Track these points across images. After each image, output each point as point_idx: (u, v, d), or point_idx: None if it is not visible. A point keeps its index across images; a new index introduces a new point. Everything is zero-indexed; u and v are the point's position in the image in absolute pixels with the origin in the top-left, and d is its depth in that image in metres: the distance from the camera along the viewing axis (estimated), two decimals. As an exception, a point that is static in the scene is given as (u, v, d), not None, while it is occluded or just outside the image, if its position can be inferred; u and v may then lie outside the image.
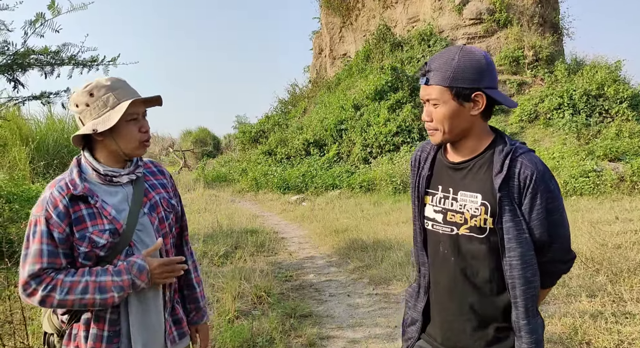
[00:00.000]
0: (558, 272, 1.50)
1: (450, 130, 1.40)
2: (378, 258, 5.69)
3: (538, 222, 1.37)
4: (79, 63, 5.11)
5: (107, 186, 1.54)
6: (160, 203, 1.63)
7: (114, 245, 1.49)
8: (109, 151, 1.54)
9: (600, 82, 13.77)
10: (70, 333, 1.53)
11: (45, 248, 1.43)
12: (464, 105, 1.37)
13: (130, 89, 1.55)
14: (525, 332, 1.38)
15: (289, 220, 9.79)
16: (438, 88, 1.37)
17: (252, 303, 4.37)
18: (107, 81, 1.51)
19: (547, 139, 13.15)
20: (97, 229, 1.46)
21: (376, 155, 14.49)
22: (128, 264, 1.47)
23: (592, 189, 9.26)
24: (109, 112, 1.47)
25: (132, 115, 1.51)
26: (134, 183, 1.59)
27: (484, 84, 1.36)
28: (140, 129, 1.54)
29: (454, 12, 17.19)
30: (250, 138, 21.68)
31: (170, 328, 1.66)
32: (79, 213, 1.46)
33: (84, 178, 1.51)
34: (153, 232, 1.57)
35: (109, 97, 1.48)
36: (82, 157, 1.56)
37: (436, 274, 1.53)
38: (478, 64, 1.36)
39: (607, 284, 4.00)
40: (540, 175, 1.35)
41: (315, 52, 26.32)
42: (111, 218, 1.48)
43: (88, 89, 1.50)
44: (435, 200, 1.50)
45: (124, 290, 1.46)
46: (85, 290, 1.42)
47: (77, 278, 1.43)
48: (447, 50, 1.40)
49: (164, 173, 1.76)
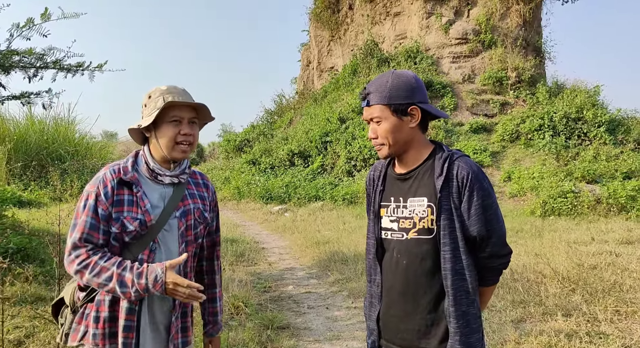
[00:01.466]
0: (497, 267, 1.61)
1: (395, 142, 1.58)
2: (358, 272, 5.68)
3: (476, 218, 1.52)
4: (63, 67, 5.04)
5: (151, 181, 1.67)
6: (192, 212, 1.72)
7: (139, 235, 1.60)
8: (156, 149, 1.68)
9: (579, 105, 14.16)
10: (83, 312, 1.63)
11: (90, 221, 1.57)
12: (403, 119, 1.56)
13: (185, 95, 1.67)
14: (453, 318, 1.52)
15: (270, 231, 9.72)
16: (379, 107, 1.57)
17: (229, 314, 4.30)
18: (165, 87, 1.67)
19: (528, 159, 13.41)
20: (130, 215, 1.59)
21: (360, 168, 14.56)
22: (148, 270, 1.55)
23: (569, 210, 9.44)
24: (156, 111, 1.61)
25: (174, 117, 1.64)
26: (175, 186, 1.71)
27: (417, 99, 1.56)
28: (180, 131, 1.65)
29: (440, 31, 17.54)
30: (235, 147, 21.60)
31: (177, 333, 1.71)
32: (120, 197, 1.60)
33: (135, 169, 1.67)
34: (177, 236, 1.67)
35: (159, 99, 1.63)
36: (141, 151, 1.72)
37: (390, 279, 1.64)
38: (408, 82, 1.56)
39: (582, 304, 4.05)
40: (475, 175, 1.52)
41: (303, 64, 26.50)
42: (145, 210, 1.60)
43: (149, 92, 1.68)
44: (390, 210, 1.64)
45: (138, 292, 1.53)
46: (109, 279, 1.52)
47: (107, 265, 1.54)
48: (380, 75, 1.62)
49: (208, 187, 1.87)
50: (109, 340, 1.59)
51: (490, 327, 3.74)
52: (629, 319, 3.78)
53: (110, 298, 1.59)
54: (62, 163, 14.63)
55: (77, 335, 1.61)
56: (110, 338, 1.59)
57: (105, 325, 1.59)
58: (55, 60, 4.87)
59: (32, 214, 7.64)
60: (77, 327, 1.63)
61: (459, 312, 1.51)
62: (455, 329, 1.51)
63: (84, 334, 1.60)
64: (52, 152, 15.11)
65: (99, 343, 1.58)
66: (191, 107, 1.68)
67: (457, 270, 1.52)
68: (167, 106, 1.61)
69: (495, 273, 1.62)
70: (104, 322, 1.59)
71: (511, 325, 3.78)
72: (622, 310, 3.89)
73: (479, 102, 16.11)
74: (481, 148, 13.89)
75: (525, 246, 6.53)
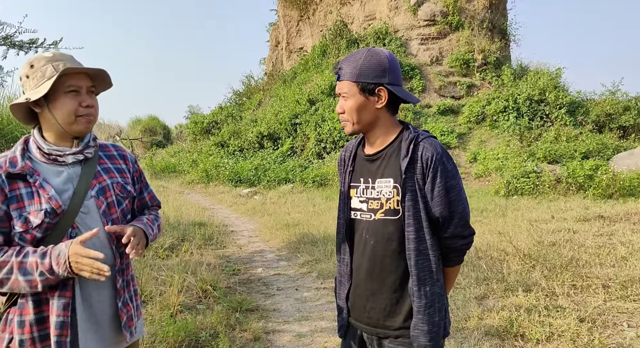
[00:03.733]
0: (460, 248, 1.62)
1: (359, 121, 1.57)
2: (328, 253, 5.72)
3: (439, 199, 1.53)
4: (14, 44, 4.77)
5: (51, 165, 1.49)
6: (111, 187, 1.57)
7: (52, 226, 1.43)
8: (51, 126, 1.49)
9: (542, 87, 14.54)
10: (6, 319, 1.47)
11: None
12: (369, 99, 1.55)
13: (75, 62, 1.49)
14: (417, 297, 1.54)
15: (239, 214, 9.65)
16: (347, 83, 1.55)
17: (197, 297, 4.25)
18: (49, 54, 1.48)
19: (493, 140, 13.74)
20: (33, 208, 1.41)
21: (330, 150, 14.57)
22: (54, 248, 1.40)
23: (531, 189, 9.77)
24: (45, 82, 1.43)
25: (71, 87, 1.47)
26: (83, 164, 1.54)
27: (386, 80, 1.54)
28: (81, 103, 1.49)
29: (409, 12, 17.54)
30: (202, 129, 21.17)
31: (131, 319, 1.59)
32: (16, 192, 1.42)
33: (28, 157, 1.47)
34: (98, 216, 1.52)
35: (47, 67, 1.45)
36: (31, 136, 1.52)
37: (358, 259, 1.65)
38: (381, 62, 1.53)
39: (541, 279, 4.22)
40: (439, 157, 1.52)
41: (272, 44, 26.04)
42: (48, 198, 1.43)
43: (29, 61, 1.48)
44: (359, 191, 1.65)
45: (44, 275, 1.37)
46: (10, 271, 1.37)
47: (5, 258, 1.38)
48: (356, 51, 1.58)
49: (126, 157, 1.71)
50: (40, 344, 1.44)
51: (454, 304, 3.85)
52: (584, 293, 3.96)
53: (34, 299, 1.43)
54: (19, 146, 13.98)
55: (2, 344, 1.46)
56: (42, 341, 1.44)
57: (33, 328, 1.43)
58: (5, 36, 4.60)
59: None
60: (1, 335, 1.46)
61: (422, 292, 1.54)
62: (419, 308, 1.54)
63: (9, 342, 1.44)
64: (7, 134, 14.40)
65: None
66: (86, 74, 1.50)
67: (420, 250, 1.54)
68: (63, 74, 1.43)
69: (458, 253, 1.64)
70: (30, 326, 1.43)
71: (475, 302, 3.90)
72: (578, 285, 4.08)
73: (447, 84, 16.31)
74: (448, 130, 14.12)
75: (489, 225, 6.73)
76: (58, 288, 1.44)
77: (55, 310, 1.43)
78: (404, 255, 1.56)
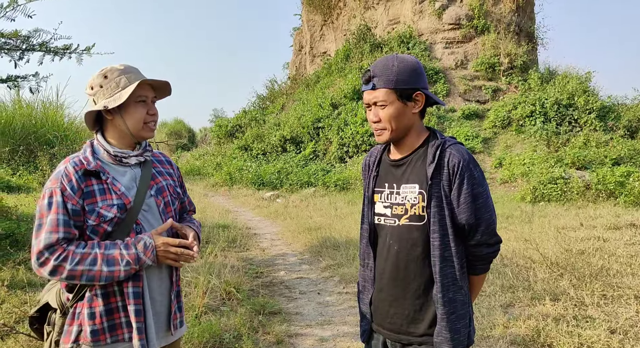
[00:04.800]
0: (486, 256, 1.60)
1: (397, 127, 1.57)
2: (350, 257, 5.71)
3: (465, 206, 1.52)
4: (50, 50, 4.94)
5: (117, 166, 1.63)
6: (166, 188, 1.72)
7: (120, 221, 1.56)
8: (119, 131, 1.63)
9: (571, 92, 14.19)
10: (73, 312, 1.56)
11: (62, 219, 1.48)
12: (407, 104, 1.56)
13: (142, 74, 1.66)
14: (440, 304, 1.53)
15: (262, 217, 9.72)
16: (384, 91, 1.54)
17: (221, 299, 4.31)
18: (121, 66, 1.63)
19: (519, 145, 13.48)
20: (105, 204, 1.54)
21: (352, 154, 14.55)
22: (135, 240, 1.55)
23: (559, 196, 9.53)
24: (120, 92, 1.58)
25: (141, 97, 1.62)
26: (142, 166, 1.68)
27: (421, 84, 1.56)
28: (148, 111, 1.64)
29: (433, 16, 17.40)
30: (227, 132, 21.44)
31: (175, 313, 1.70)
32: (90, 188, 1.54)
33: (96, 157, 1.61)
34: (159, 214, 1.66)
35: (121, 79, 1.60)
36: (95, 140, 1.66)
37: (382, 264, 1.65)
38: (414, 67, 1.55)
39: (570, 288, 4.11)
40: (466, 163, 1.52)
41: (295, 48, 26.20)
42: (120, 194, 1.56)
43: (103, 72, 1.61)
44: (384, 196, 1.65)
45: (130, 265, 1.51)
46: (94, 262, 1.48)
47: (87, 250, 1.49)
48: (383, 58, 1.58)
49: (172, 164, 1.87)
50: (109, 334, 1.54)
51: (479, 312, 3.79)
52: (615, 303, 3.84)
53: (103, 292, 1.54)
54: (50, 148, 14.44)
55: (71, 336, 1.55)
56: (111, 331, 1.55)
57: (103, 319, 1.54)
58: (41, 42, 4.77)
59: (20, 199, 7.56)
60: (69, 328, 1.56)
61: (446, 299, 1.53)
62: (443, 315, 1.53)
63: (78, 333, 1.54)
64: (41, 137, 14.88)
65: (99, 338, 1.53)
66: (151, 85, 1.66)
67: (445, 257, 1.53)
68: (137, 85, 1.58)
69: (484, 262, 1.62)
70: (100, 317, 1.53)
71: (500, 310, 3.83)
72: (608, 295, 3.96)
73: (472, 88, 16.10)
74: (473, 134, 13.92)
75: (515, 232, 6.60)
76: (131, 279, 1.55)
77: (132, 300, 1.55)
78: (428, 261, 1.55)
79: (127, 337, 1.56)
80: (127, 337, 1.56)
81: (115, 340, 1.55)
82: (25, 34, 4.78)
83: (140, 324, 1.55)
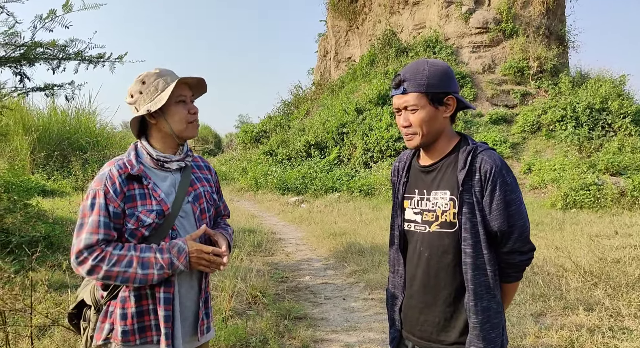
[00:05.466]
0: (519, 264, 1.57)
1: (428, 132, 1.55)
2: (375, 263, 5.67)
3: (498, 213, 1.49)
4: (85, 59, 5.11)
5: (158, 171, 1.66)
6: (203, 195, 1.74)
7: (158, 226, 1.59)
8: (163, 134, 1.67)
9: (604, 96, 13.77)
10: (106, 310, 1.61)
11: (103, 220, 1.53)
12: (439, 109, 1.54)
13: (177, 75, 1.69)
14: (473, 312, 1.50)
15: (287, 221, 9.76)
16: (415, 95, 1.52)
17: (247, 303, 4.34)
18: (156, 70, 1.67)
19: (549, 151, 13.14)
20: (145, 209, 1.57)
21: (377, 159, 14.47)
22: (170, 245, 1.57)
23: (592, 203, 9.24)
24: (160, 94, 1.62)
25: (180, 97, 1.65)
26: (182, 171, 1.71)
27: (453, 88, 1.55)
28: (189, 110, 1.67)
29: (460, 20, 17.21)
30: (252, 137, 21.68)
31: (203, 319, 1.72)
32: (132, 192, 1.57)
33: (140, 161, 1.64)
34: (194, 220, 1.68)
35: (158, 82, 1.63)
36: (139, 143, 1.70)
37: (412, 270, 1.64)
38: (444, 71, 1.54)
39: (605, 298, 3.97)
40: (499, 169, 1.49)
41: (320, 54, 26.33)
42: (160, 200, 1.60)
43: (140, 78, 1.65)
44: (414, 203, 1.64)
45: (163, 269, 1.54)
46: (129, 264, 1.51)
47: (124, 252, 1.53)
48: (414, 63, 1.57)
49: (210, 169, 1.89)
50: (139, 335, 1.58)
51: (509, 321, 3.70)
52: (654, 315, 3.69)
53: (136, 294, 1.58)
54: (83, 153, 14.89)
55: (102, 334, 1.59)
56: (140, 333, 1.58)
57: (134, 321, 1.57)
58: (77, 51, 4.94)
59: (55, 203, 7.82)
60: (101, 325, 1.61)
61: (479, 307, 1.50)
62: (475, 324, 1.50)
63: (110, 332, 1.59)
64: (74, 142, 15.38)
65: (129, 339, 1.57)
66: (187, 84, 1.69)
67: (477, 264, 1.51)
68: (175, 85, 1.61)
69: (517, 269, 1.59)
70: (132, 318, 1.57)
71: (531, 319, 3.73)
72: (646, 306, 3.81)
73: (499, 92, 15.81)
74: (501, 139, 13.66)
75: (545, 239, 6.43)
76: (163, 285, 1.59)
77: (162, 305, 1.58)
78: (459, 268, 1.53)
79: (156, 340, 1.59)
80: (156, 339, 1.59)
81: (144, 341, 1.59)
82: (62, 43, 4.96)
83: (168, 330, 1.57)
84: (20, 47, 4.76)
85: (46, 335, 3.35)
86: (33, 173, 13.48)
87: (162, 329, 1.57)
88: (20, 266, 4.28)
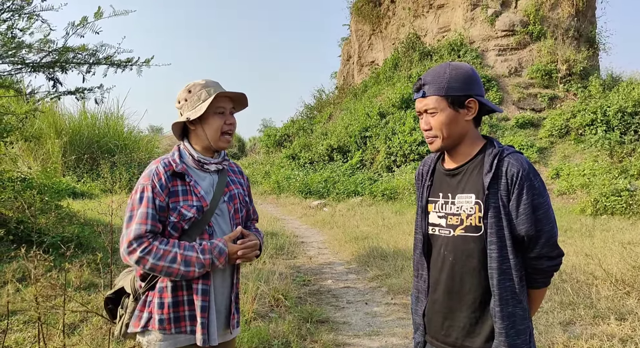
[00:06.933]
0: (547, 269, 1.53)
1: (449, 135, 1.54)
2: (398, 268, 5.62)
3: (525, 217, 1.46)
4: (114, 63, 5.26)
5: (199, 171, 1.79)
6: (237, 197, 1.87)
7: (196, 221, 1.71)
8: (200, 140, 1.79)
9: (637, 99, 13.32)
10: (145, 300, 1.72)
11: (150, 212, 1.66)
12: (459, 112, 1.53)
13: (221, 87, 1.81)
14: (499, 318, 1.48)
15: (309, 225, 9.79)
16: (435, 98, 1.52)
17: (269, 306, 4.37)
18: (202, 81, 1.79)
19: (578, 155, 12.80)
20: (186, 204, 1.70)
21: (400, 163, 14.37)
22: (211, 245, 1.69)
23: (624, 209, 8.94)
24: (201, 104, 1.74)
25: (219, 109, 1.77)
26: (219, 173, 1.84)
27: (475, 91, 1.53)
28: (226, 121, 1.78)
29: (486, 23, 16.98)
30: (275, 141, 21.84)
31: (234, 314, 1.82)
32: (175, 188, 1.71)
33: (182, 161, 1.77)
34: (229, 219, 1.80)
35: (202, 92, 1.75)
36: (181, 145, 1.82)
37: (436, 275, 1.62)
38: (467, 74, 1.53)
39: (638, 308, 3.83)
40: (526, 173, 1.46)
41: (344, 58, 26.37)
42: (200, 196, 1.72)
43: (187, 87, 1.79)
44: (438, 206, 1.62)
45: (204, 268, 1.67)
46: (173, 260, 1.63)
47: (169, 248, 1.65)
48: (436, 67, 1.57)
49: (243, 174, 2.02)
50: (174, 324, 1.68)
51: (537, 329, 3.61)
52: (690, 326, 3.54)
53: (172, 285, 1.68)
54: (111, 156, 15.28)
55: (141, 321, 1.70)
56: (175, 322, 1.68)
57: (170, 310, 1.68)
58: (106, 56, 5.09)
59: (85, 205, 8.04)
60: (139, 314, 1.71)
61: (504, 313, 1.47)
62: (501, 330, 1.47)
63: (148, 320, 1.69)
64: (103, 146, 15.80)
65: (165, 327, 1.67)
66: (229, 97, 1.79)
67: (503, 269, 1.48)
68: (215, 97, 1.71)
69: (545, 275, 1.55)
70: (168, 308, 1.68)
71: (559, 327, 3.63)
72: (682, 317, 3.65)
73: (526, 96, 15.51)
74: (528, 143, 13.38)
75: (574, 246, 6.25)
76: (201, 277, 1.70)
77: (200, 295, 1.69)
78: (484, 273, 1.50)
79: (189, 330, 1.68)
80: (189, 329, 1.68)
81: (179, 331, 1.68)
82: (92, 48, 5.12)
83: (204, 320, 1.67)
84: (53, 51, 4.93)
85: (75, 333, 3.44)
86: (64, 175, 13.89)
87: (198, 319, 1.67)
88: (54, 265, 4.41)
